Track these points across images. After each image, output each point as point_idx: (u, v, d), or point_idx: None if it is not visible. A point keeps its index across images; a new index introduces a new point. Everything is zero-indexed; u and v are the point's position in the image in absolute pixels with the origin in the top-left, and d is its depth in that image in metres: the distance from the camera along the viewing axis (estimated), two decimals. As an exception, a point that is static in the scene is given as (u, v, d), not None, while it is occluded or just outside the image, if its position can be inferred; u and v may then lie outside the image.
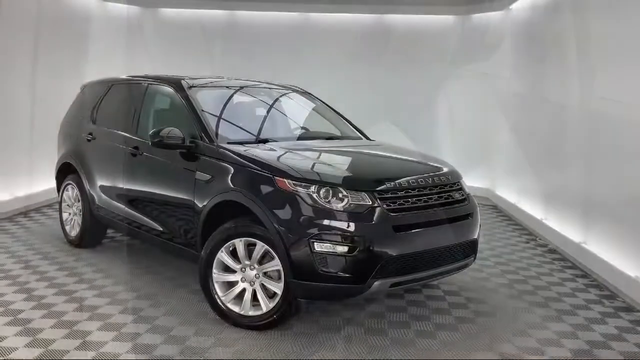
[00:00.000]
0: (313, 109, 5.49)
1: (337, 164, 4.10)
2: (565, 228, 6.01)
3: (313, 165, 3.91)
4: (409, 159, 4.48)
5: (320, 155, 4.31)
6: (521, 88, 8.00)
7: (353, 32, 9.57)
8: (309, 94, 5.72)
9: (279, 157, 3.98)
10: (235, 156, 4.01)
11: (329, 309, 4.22)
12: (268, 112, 5.21)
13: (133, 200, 4.90)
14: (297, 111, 5.46)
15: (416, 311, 4.26)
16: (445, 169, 4.22)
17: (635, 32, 4.84)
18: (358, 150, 4.65)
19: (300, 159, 4.03)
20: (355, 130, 5.38)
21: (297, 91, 5.64)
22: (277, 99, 5.36)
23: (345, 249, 3.47)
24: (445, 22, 9.53)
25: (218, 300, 3.89)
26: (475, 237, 4.12)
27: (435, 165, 4.29)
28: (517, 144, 8.05)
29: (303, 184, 3.63)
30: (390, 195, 3.67)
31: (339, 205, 3.55)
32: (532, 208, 7.18)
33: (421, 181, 3.88)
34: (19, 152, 7.25)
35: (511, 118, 8.39)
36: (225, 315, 3.88)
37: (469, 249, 4.09)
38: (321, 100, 5.67)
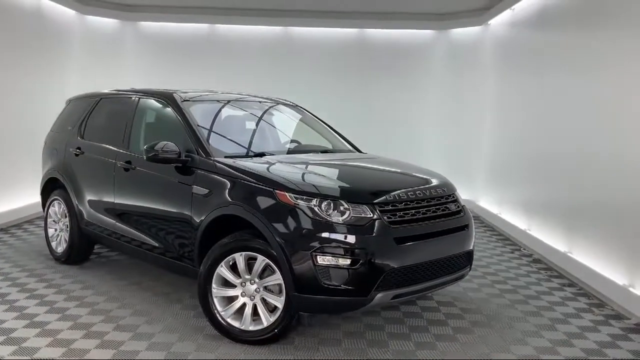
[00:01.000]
0: (305, 123, 5.52)
1: (336, 177, 4.14)
2: (550, 238, 6.14)
3: (313, 179, 3.94)
4: (405, 171, 4.53)
5: (318, 168, 4.34)
6: (501, 100, 8.18)
7: (334, 47, 9.68)
8: (300, 107, 5.75)
9: (278, 171, 4.00)
10: (234, 170, 4.00)
11: (327, 322, 4.23)
12: (261, 125, 5.23)
13: (125, 215, 4.85)
14: (290, 124, 5.49)
15: (414, 322, 4.30)
16: (440, 181, 4.28)
17: (605, 44, 5.15)
18: (354, 163, 4.69)
19: (299, 172, 4.05)
20: (346, 143, 5.43)
21: (288, 105, 5.67)
22: (270, 113, 5.38)
23: (348, 261, 3.49)
24: (426, 37, 9.70)
25: (217, 316, 3.87)
26: (471, 248, 4.19)
27: (431, 177, 4.36)
28: (498, 155, 8.21)
29: (304, 197, 3.64)
30: (390, 207, 3.71)
31: (340, 218, 3.57)
32: (514, 218, 7.31)
33: (419, 193, 3.93)
34: (1, 167, 7.08)
35: (491, 130, 8.57)
36: (225, 331, 3.86)
37: (465, 260, 4.16)
38: (312, 114, 5.71)
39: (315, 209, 3.59)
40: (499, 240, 7.24)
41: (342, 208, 3.61)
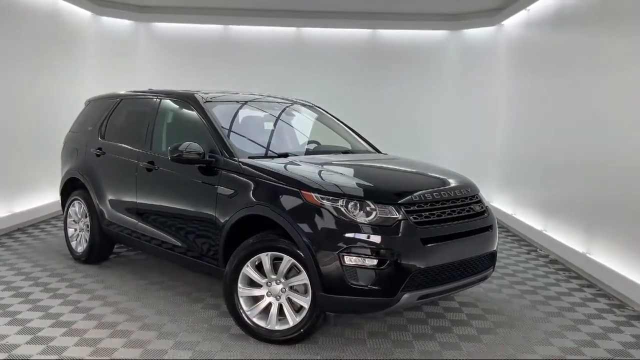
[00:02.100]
0: (324, 123, 5.53)
1: (361, 177, 4.15)
2: (567, 238, 6.14)
3: (338, 179, 3.94)
4: (428, 172, 4.54)
5: (342, 168, 4.35)
6: (515, 100, 8.18)
7: (347, 48, 9.69)
8: (319, 107, 5.77)
9: (302, 171, 4.01)
10: (259, 171, 4.02)
11: (350, 322, 4.24)
12: (282, 126, 5.25)
13: (147, 214, 4.88)
14: (309, 125, 5.51)
15: (437, 323, 4.31)
16: (463, 182, 4.29)
17: (624, 43, 5.12)
18: (376, 163, 4.70)
19: (323, 173, 4.05)
20: (365, 144, 5.45)
21: (307, 105, 5.69)
22: (290, 113, 5.40)
23: (375, 261, 3.50)
24: (439, 37, 9.70)
25: (243, 315, 3.89)
26: (495, 248, 4.19)
27: (454, 178, 4.36)
28: (513, 156, 8.20)
29: (330, 197, 3.65)
30: (415, 208, 3.72)
31: (367, 219, 3.58)
32: (530, 219, 7.30)
33: (444, 194, 3.94)
34: (17, 168, 7.14)
35: (505, 130, 8.56)
36: (251, 330, 3.88)
37: (489, 261, 4.16)
38: (330, 114, 5.73)
39: (342, 209, 3.60)
40: (514, 241, 7.24)
41: (368, 209, 3.62)
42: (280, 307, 3.84)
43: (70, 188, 5.86)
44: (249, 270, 3.87)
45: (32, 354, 3.59)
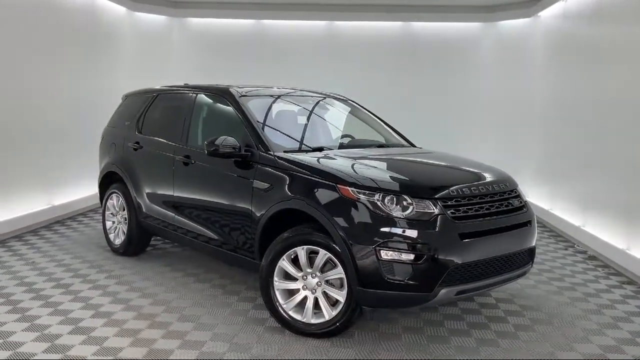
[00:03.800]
0: (359, 117, 5.52)
1: (397, 171, 4.13)
2: (607, 234, 6.00)
3: (374, 173, 3.93)
4: (465, 166, 4.49)
5: (377, 162, 4.33)
6: (552, 94, 8.01)
7: (379, 41, 9.64)
8: (352, 101, 5.75)
9: (338, 165, 4.01)
10: (295, 165, 4.03)
11: (385, 316, 4.24)
12: (317, 119, 5.26)
13: (183, 207, 4.94)
14: (343, 119, 5.50)
15: (473, 319, 4.27)
16: (501, 177, 4.23)
17: None
18: (412, 157, 4.67)
19: (359, 167, 4.04)
20: (399, 138, 5.41)
21: (341, 99, 5.68)
22: (324, 107, 5.40)
23: (412, 256, 3.48)
24: (473, 30, 9.57)
25: (279, 308, 3.91)
26: (534, 244, 4.13)
27: (491, 172, 4.30)
28: (550, 150, 8.05)
29: (367, 191, 3.64)
30: (453, 202, 3.68)
31: (404, 213, 3.56)
32: (568, 214, 7.16)
33: (482, 188, 3.89)
34: (56, 162, 7.31)
35: (541, 124, 8.41)
36: (287, 323, 3.90)
37: (528, 257, 4.10)
38: (364, 108, 5.71)
39: (378, 203, 3.59)
40: (551, 236, 7.12)
41: (405, 203, 3.60)
42: (316, 301, 3.84)
43: (108, 181, 5.97)
44: (284, 263, 3.89)
45: (75, 343, 3.68)
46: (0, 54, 6.16)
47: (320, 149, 4.52)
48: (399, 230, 3.51)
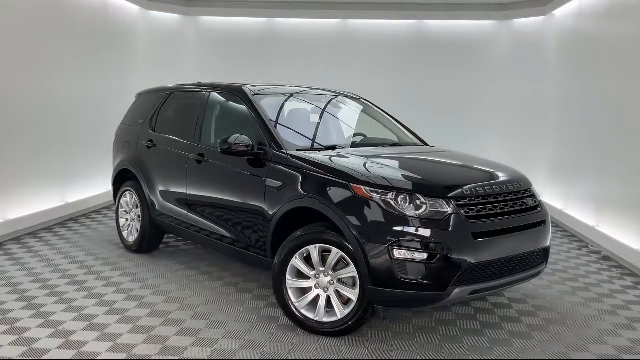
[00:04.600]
0: (371, 115, 5.51)
1: (410, 170, 4.10)
2: (621, 234, 5.95)
3: (387, 172, 3.92)
4: (478, 165, 4.46)
5: (391, 161, 4.32)
6: (566, 93, 7.94)
7: (392, 39, 9.61)
8: (365, 99, 5.74)
9: (351, 164, 4.00)
10: (308, 163, 4.03)
11: (398, 315, 4.22)
12: (330, 118, 5.26)
13: (196, 205, 4.96)
14: (357, 118, 5.49)
15: (486, 319, 4.25)
16: (515, 176, 4.20)
17: None
18: (426, 157, 4.65)
19: (372, 166, 4.04)
20: (412, 137, 5.40)
21: (354, 97, 5.67)
22: (337, 106, 5.40)
23: (425, 256, 3.47)
24: (487, 28, 9.51)
25: (292, 307, 3.92)
26: (548, 244, 4.10)
27: (505, 172, 4.28)
28: (564, 150, 7.98)
29: (380, 190, 3.63)
30: (467, 202, 3.67)
31: (417, 212, 3.55)
32: (581, 214, 7.11)
33: (496, 188, 3.87)
34: (70, 159, 7.37)
35: (555, 123, 8.34)
36: (299, 321, 3.90)
37: (542, 257, 4.07)
38: (377, 107, 5.69)
39: (392, 202, 3.58)
40: (564, 236, 7.06)
41: (418, 202, 3.59)
42: (328, 299, 3.85)
43: (121, 179, 6.01)
44: (297, 262, 3.89)
45: (89, 339, 3.71)
46: (14, 54, 6.22)
47: (333, 148, 4.52)
48: (412, 230, 3.50)
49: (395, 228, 3.51)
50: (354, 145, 4.98)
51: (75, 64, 7.42)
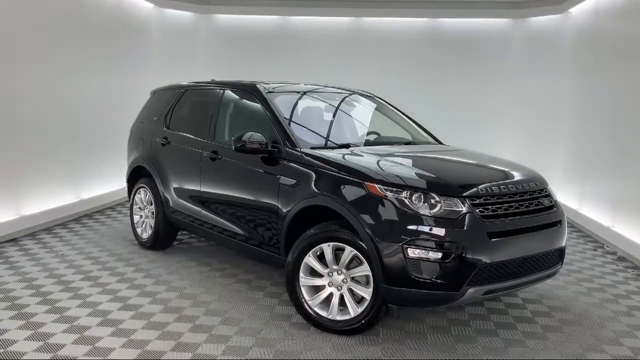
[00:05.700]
0: (385, 114, 5.49)
1: (425, 169, 4.07)
2: (637, 235, 5.88)
3: (402, 170, 3.91)
4: (494, 164, 4.43)
5: (405, 160, 4.30)
6: (583, 93, 7.86)
7: (405, 37, 9.57)
8: (379, 98, 5.72)
9: (365, 162, 3.99)
10: (321, 162, 4.02)
11: (411, 315, 4.21)
12: (343, 116, 5.24)
13: (210, 203, 4.98)
14: (370, 116, 5.48)
15: (500, 319, 4.22)
16: (531, 175, 4.17)
17: None
18: (440, 155, 4.62)
19: (386, 164, 4.02)
20: (426, 135, 5.37)
21: (367, 96, 5.66)
22: (350, 104, 5.39)
23: (440, 255, 3.45)
24: (501, 26, 9.44)
25: (305, 304, 3.92)
26: (564, 244, 4.06)
27: (521, 171, 4.24)
28: (580, 150, 7.91)
29: (394, 189, 3.62)
30: (482, 201, 3.64)
31: (431, 211, 3.53)
32: (597, 214, 7.04)
33: (511, 187, 3.84)
34: (84, 156, 7.42)
35: (571, 123, 8.26)
36: (312, 319, 3.90)
37: (557, 257, 4.03)
38: (391, 105, 5.67)
39: (406, 201, 3.57)
40: (579, 237, 6.99)
41: (432, 201, 3.57)
42: (342, 298, 3.84)
43: (136, 176, 6.04)
44: (310, 260, 3.89)
45: (103, 335, 3.73)
46: (30, 54, 6.27)
47: (346, 146, 4.51)
48: (426, 228, 3.48)
49: (409, 227, 3.50)
50: (367, 143, 4.97)
51: (90, 61, 7.47)
